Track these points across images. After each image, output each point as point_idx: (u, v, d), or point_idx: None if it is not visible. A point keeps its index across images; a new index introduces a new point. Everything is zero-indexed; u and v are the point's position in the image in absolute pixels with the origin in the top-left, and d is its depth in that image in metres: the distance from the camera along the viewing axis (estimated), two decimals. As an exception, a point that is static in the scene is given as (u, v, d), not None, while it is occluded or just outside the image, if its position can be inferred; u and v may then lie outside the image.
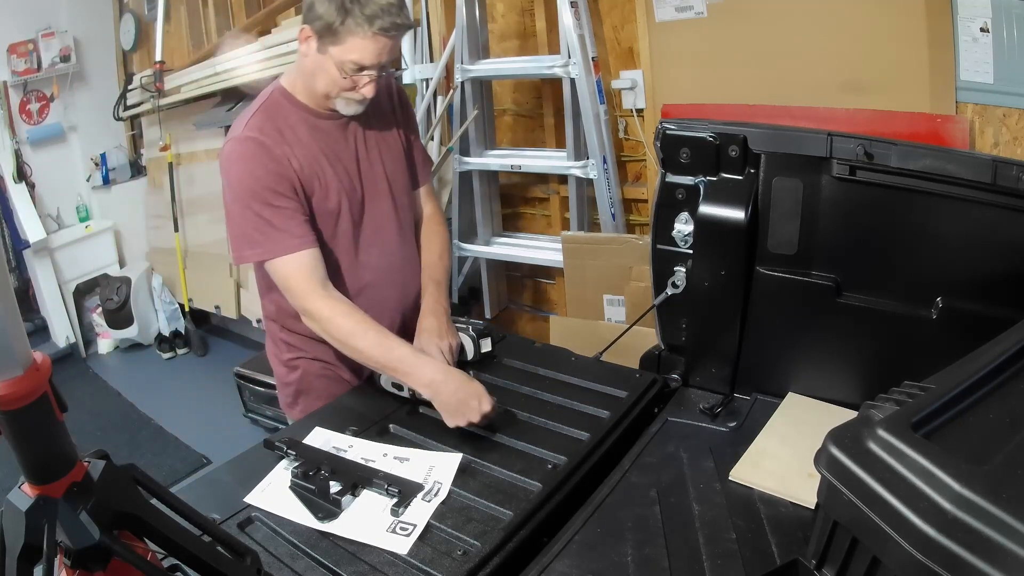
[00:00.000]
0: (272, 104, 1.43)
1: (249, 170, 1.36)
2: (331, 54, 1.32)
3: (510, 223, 3.03)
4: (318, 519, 1.10)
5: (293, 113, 1.42)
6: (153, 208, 4.43)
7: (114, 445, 3.22)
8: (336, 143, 1.45)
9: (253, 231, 1.37)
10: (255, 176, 1.35)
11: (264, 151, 1.36)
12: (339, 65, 1.33)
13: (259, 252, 1.38)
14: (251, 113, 1.42)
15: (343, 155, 1.46)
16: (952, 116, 1.79)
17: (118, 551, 0.70)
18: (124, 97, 4.33)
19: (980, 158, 1.18)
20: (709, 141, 1.32)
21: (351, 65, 1.32)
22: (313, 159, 1.41)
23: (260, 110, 1.41)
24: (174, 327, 4.23)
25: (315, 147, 1.42)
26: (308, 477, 1.16)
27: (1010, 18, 1.64)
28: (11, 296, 0.63)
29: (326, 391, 1.54)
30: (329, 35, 1.31)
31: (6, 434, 0.66)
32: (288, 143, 1.38)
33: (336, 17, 1.28)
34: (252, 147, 1.36)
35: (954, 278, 1.18)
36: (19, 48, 4.04)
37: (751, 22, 2.08)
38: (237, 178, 1.37)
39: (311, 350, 1.55)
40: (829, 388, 1.33)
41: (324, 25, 1.30)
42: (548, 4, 2.54)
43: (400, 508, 1.11)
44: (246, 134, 1.37)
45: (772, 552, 0.99)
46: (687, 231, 1.39)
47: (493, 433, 1.29)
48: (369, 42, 1.30)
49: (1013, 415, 0.77)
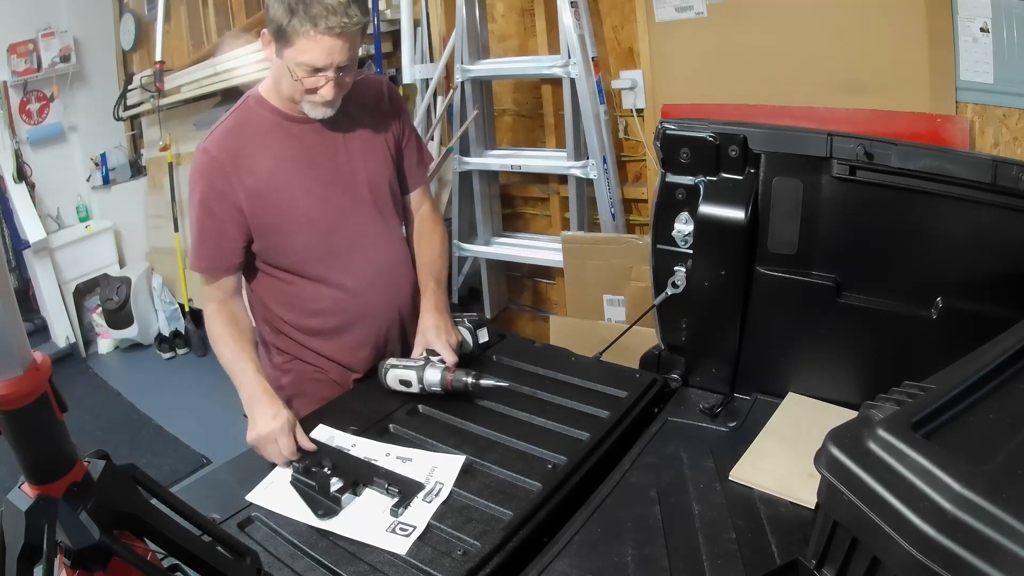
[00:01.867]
0: (243, 112, 1.44)
1: (197, 182, 1.41)
2: (286, 57, 1.31)
3: (510, 223, 3.03)
4: (317, 516, 1.10)
5: (266, 119, 1.43)
6: (153, 208, 4.43)
7: (114, 445, 3.22)
8: (310, 148, 1.44)
9: (195, 238, 1.44)
10: (200, 188, 1.41)
11: (215, 167, 1.39)
12: (293, 68, 1.31)
13: (192, 260, 1.45)
14: (220, 122, 1.44)
15: (318, 159, 1.45)
16: (952, 116, 1.79)
17: (118, 551, 0.70)
18: (124, 97, 4.34)
19: (980, 158, 1.18)
20: (709, 141, 1.32)
21: (304, 68, 1.30)
22: (278, 167, 1.41)
23: (230, 119, 1.44)
24: (174, 327, 4.23)
25: (285, 154, 1.42)
26: (310, 473, 1.16)
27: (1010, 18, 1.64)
28: (11, 296, 0.63)
29: (318, 394, 1.54)
30: (282, 38, 1.30)
31: (6, 434, 0.66)
32: (247, 159, 1.39)
33: (284, 18, 1.27)
34: (206, 161, 1.40)
35: (954, 278, 1.18)
36: (19, 48, 4.04)
37: (751, 22, 2.09)
38: (191, 185, 1.44)
39: (301, 353, 1.55)
40: (829, 388, 1.33)
41: (276, 28, 1.29)
42: (548, 4, 2.54)
43: (400, 508, 1.11)
44: (205, 145, 1.41)
45: (772, 552, 0.99)
46: (687, 231, 1.39)
47: (493, 433, 1.29)
48: (315, 43, 1.27)
49: (1013, 415, 0.77)
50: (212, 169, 1.39)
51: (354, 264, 1.50)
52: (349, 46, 1.30)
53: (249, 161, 1.40)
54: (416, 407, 1.40)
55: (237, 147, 1.40)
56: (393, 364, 1.43)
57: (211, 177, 1.39)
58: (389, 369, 1.43)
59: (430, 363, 1.41)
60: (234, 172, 1.39)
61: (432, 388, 1.39)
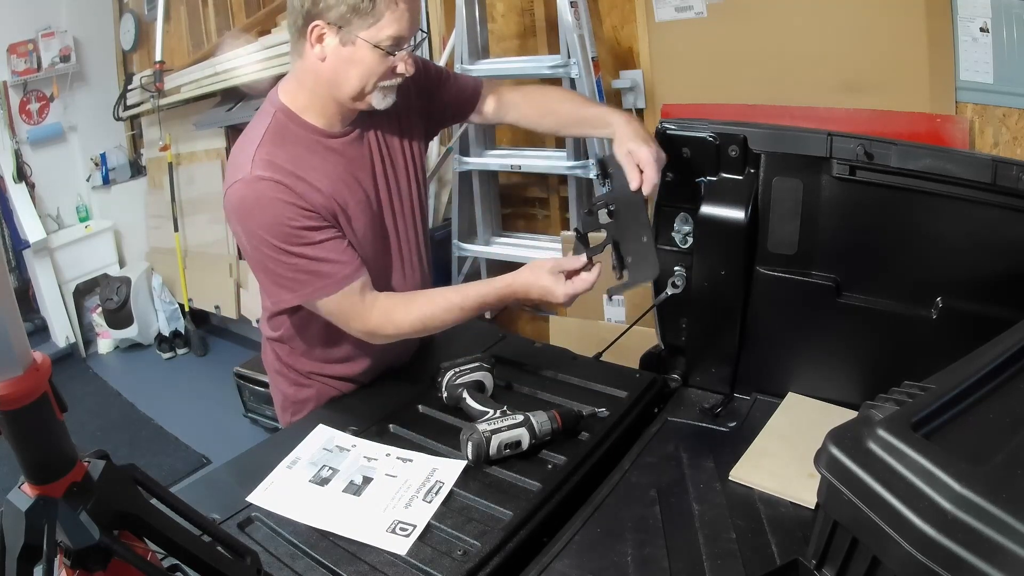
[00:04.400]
0: (278, 129, 1.27)
1: (273, 216, 1.21)
2: (362, 39, 1.19)
3: (510, 223, 3.03)
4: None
5: (303, 137, 1.27)
6: (153, 208, 4.44)
7: (114, 445, 3.22)
8: (353, 163, 1.32)
9: (295, 273, 1.24)
10: (283, 220, 1.21)
11: (283, 191, 1.21)
12: (375, 47, 1.19)
13: (309, 292, 1.26)
14: (255, 143, 1.24)
15: (361, 176, 1.33)
16: (952, 116, 1.79)
17: (118, 551, 0.70)
18: (124, 97, 4.33)
19: (980, 158, 1.18)
20: (709, 141, 1.32)
21: (388, 42, 1.20)
22: (334, 189, 1.27)
23: (266, 139, 1.25)
24: (174, 327, 4.23)
25: (333, 174, 1.28)
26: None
27: (1010, 18, 1.64)
28: (11, 296, 0.63)
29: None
30: (356, 19, 1.17)
31: (6, 434, 0.66)
32: (304, 181, 1.24)
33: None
34: (268, 189, 1.20)
35: (954, 278, 1.18)
36: (19, 48, 4.04)
37: (751, 22, 2.08)
38: (261, 227, 1.22)
39: (322, 369, 1.48)
40: (829, 388, 1.33)
41: (347, 10, 1.17)
42: (548, 4, 2.54)
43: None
44: (257, 174, 1.21)
45: (772, 552, 0.99)
46: (687, 231, 1.39)
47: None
48: (402, 11, 1.18)
49: (1013, 415, 0.76)
50: (282, 192, 1.21)
51: (395, 285, 1.42)
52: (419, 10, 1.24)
53: (306, 183, 1.24)
54: (416, 407, 1.40)
55: (291, 167, 1.23)
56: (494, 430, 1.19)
57: (286, 199, 1.21)
58: (490, 437, 1.18)
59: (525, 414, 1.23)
60: (303, 187, 1.23)
61: (545, 438, 1.23)
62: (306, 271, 1.24)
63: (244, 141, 1.28)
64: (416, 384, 1.48)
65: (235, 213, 1.24)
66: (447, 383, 1.35)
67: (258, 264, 1.28)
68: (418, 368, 1.55)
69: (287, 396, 1.53)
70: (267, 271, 1.27)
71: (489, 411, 1.26)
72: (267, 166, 1.22)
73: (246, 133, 1.30)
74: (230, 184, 1.24)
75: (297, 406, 1.51)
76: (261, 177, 1.21)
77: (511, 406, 1.28)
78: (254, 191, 1.21)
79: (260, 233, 1.22)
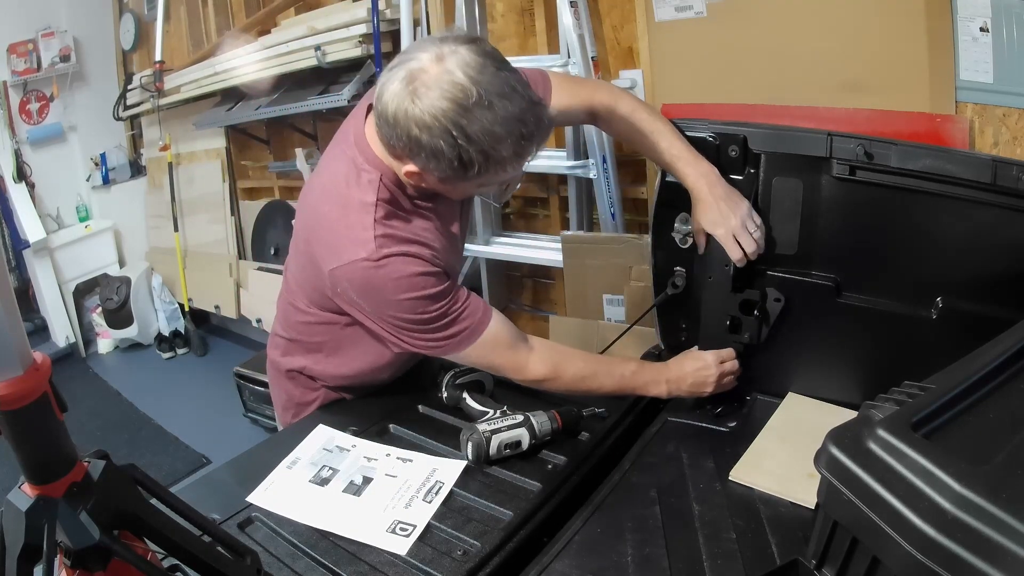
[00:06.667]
0: (389, 199, 1.18)
1: (412, 286, 1.16)
2: (469, 183, 1.13)
3: (510, 223, 3.03)
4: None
5: (406, 201, 1.20)
6: (153, 208, 4.44)
7: (114, 445, 3.22)
8: (443, 215, 1.26)
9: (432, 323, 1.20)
10: (423, 287, 1.16)
11: (417, 263, 1.15)
12: (487, 186, 1.15)
13: (454, 342, 1.22)
14: (370, 215, 1.15)
15: (451, 223, 1.28)
16: (952, 116, 1.79)
17: (118, 551, 0.70)
18: (124, 97, 4.34)
19: (980, 158, 1.18)
20: (709, 141, 1.32)
21: (499, 187, 1.17)
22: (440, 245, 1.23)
23: (380, 210, 1.16)
24: (174, 327, 4.24)
25: (432, 228, 1.23)
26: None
27: (1010, 18, 1.64)
28: (11, 296, 0.63)
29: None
30: (480, 168, 1.06)
31: (6, 434, 0.66)
32: (419, 233, 1.19)
33: (477, 164, 1.05)
34: (402, 265, 1.15)
35: (954, 278, 1.18)
36: (19, 48, 4.05)
37: (751, 22, 2.08)
38: (391, 305, 1.18)
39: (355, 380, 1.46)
40: (829, 388, 1.33)
41: (453, 173, 1.08)
42: (548, 4, 2.54)
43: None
44: (384, 252, 1.14)
45: (772, 552, 0.99)
46: (687, 231, 1.39)
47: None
48: (519, 167, 1.12)
49: (1013, 415, 0.77)
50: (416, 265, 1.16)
51: None
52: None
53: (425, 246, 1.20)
54: (416, 407, 1.40)
55: (410, 235, 1.18)
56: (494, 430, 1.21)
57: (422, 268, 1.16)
58: (490, 437, 1.20)
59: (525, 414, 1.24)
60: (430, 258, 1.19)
61: (545, 438, 1.25)
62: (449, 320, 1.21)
63: (348, 204, 1.18)
64: (416, 384, 1.48)
65: (359, 291, 1.18)
66: (447, 383, 1.35)
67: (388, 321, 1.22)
68: (418, 368, 1.55)
69: (293, 398, 1.52)
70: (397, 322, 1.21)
71: (489, 411, 1.27)
72: (391, 241, 1.15)
73: (348, 195, 1.18)
74: (348, 262, 1.15)
75: (301, 408, 1.51)
76: (389, 254, 1.14)
77: (511, 406, 1.28)
78: (384, 271, 1.15)
79: (400, 303, 1.18)
